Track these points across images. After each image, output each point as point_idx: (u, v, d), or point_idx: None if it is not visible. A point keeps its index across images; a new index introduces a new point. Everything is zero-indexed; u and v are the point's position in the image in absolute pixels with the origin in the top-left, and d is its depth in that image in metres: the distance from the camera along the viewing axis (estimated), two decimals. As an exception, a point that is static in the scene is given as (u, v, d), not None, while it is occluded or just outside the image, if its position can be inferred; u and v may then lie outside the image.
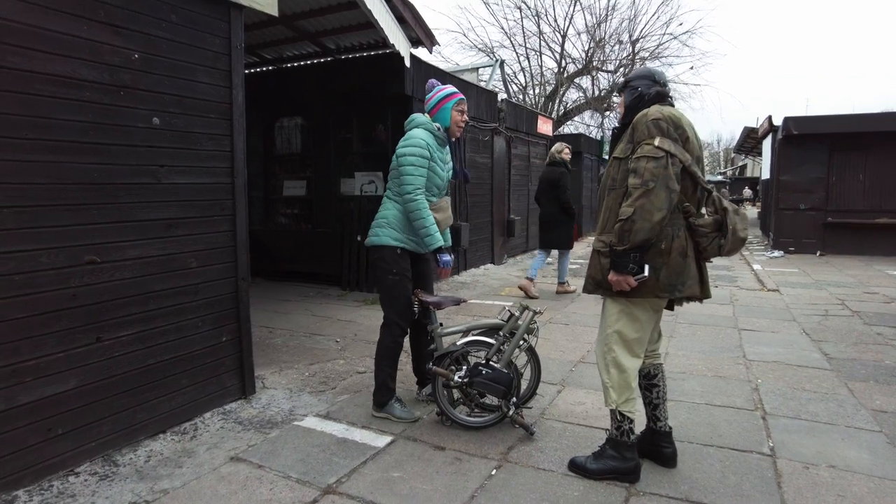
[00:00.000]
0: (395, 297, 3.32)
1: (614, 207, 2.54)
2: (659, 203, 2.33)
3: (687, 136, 2.46)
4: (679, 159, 2.40)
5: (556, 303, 6.84)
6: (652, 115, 2.47)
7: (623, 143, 2.58)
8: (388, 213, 3.33)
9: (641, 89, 2.63)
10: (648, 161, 2.36)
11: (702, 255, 2.54)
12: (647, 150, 2.39)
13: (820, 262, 10.65)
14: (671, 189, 2.35)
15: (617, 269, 2.44)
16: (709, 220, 2.51)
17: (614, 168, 2.60)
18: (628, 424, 2.64)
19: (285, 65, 8.36)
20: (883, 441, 3.05)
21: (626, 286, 2.45)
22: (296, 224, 8.49)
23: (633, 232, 2.35)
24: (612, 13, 20.78)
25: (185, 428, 3.19)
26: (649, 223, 2.33)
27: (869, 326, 5.61)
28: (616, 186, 2.56)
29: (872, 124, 11.28)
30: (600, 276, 2.57)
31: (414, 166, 3.20)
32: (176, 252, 3.16)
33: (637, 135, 2.48)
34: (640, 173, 2.37)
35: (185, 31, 3.12)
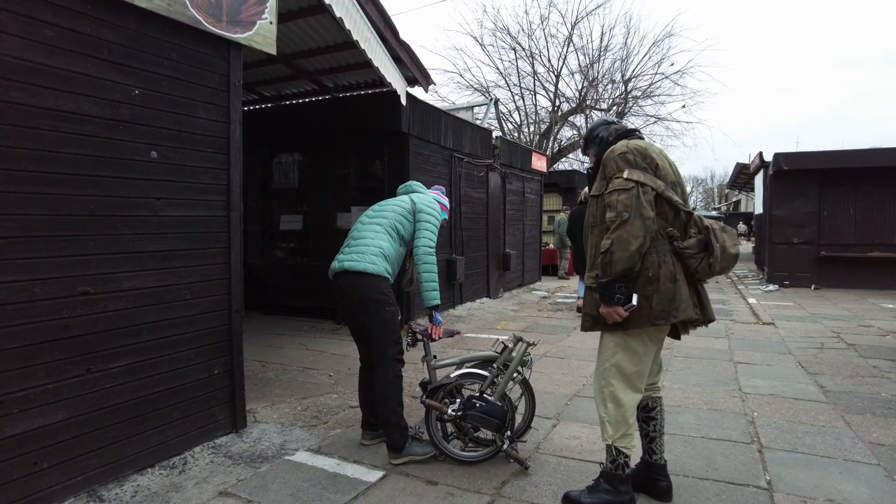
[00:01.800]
0: (393, 330, 3.23)
1: (597, 243, 2.59)
2: (635, 232, 2.39)
3: (656, 163, 2.53)
4: (651, 187, 2.46)
5: (552, 336, 6.83)
6: (618, 149, 2.58)
7: (598, 181, 2.67)
8: (383, 245, 3.26)
9: (602, 135, 2.79)
10: (620, 193, 2.45)
11: (693, 277, 2.54)
12: (617, 184, 2.48)
13: (815, 295, 10.68)
14: (645, 217, 2.41)
15: (605, 300, 2.48)
16: (693, 241, 2.52)
17: (594, 206, 2.68)
18: (623, 459, 2.61)
19: (284, 102, 8.53)
20: (881, 474, 3.02)
21: (617, 317, 2.47)
22: (292, 258, 8.52)
23: (613, 263, 2.41)
24: (605, 54, 21.28)
25: (173, 462, 3.14)
26: (627, 252, 2.39)
27: (864, 359, 5.60)
28: (597, 223, 2.64)
29: (860, 160, 11.48)
30: (595, 312, 2.59)
31: (435, 226, 3.37)
32: (171, 284, 3.17)
33: (607, 171, 2.57)
34: (614, 206, 2.45)
35: (185, 69, 3.21)
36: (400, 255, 3.38)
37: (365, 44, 4.99)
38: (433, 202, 3.48)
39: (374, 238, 3.28)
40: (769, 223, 12.28)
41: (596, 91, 21.60)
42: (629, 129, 2.77)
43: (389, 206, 3.43)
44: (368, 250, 3.22)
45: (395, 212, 3.39)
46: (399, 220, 3.36)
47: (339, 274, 3.26)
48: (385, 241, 3.29)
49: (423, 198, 3.47)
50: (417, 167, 7.43)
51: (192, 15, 3.15)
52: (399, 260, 3.39)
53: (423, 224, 3.34)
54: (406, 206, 3.40)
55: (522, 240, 12.11)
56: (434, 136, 7.86)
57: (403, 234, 3.36)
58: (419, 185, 3.65)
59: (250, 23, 3.55)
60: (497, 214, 10.57)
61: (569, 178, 16.59)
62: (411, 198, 3.46)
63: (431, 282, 3.27)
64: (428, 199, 3.49)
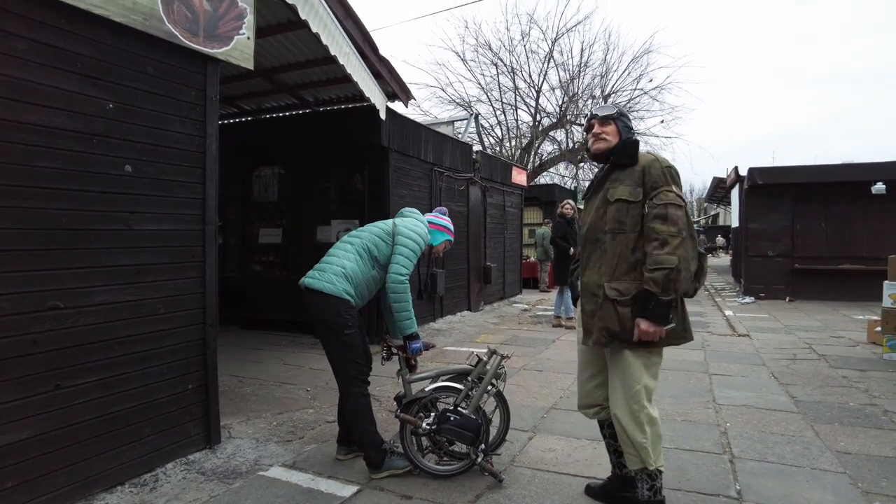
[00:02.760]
0: (353, 353, 3.15)
1: (624, 253, 2.45)
2: (693, 252, 2.35)
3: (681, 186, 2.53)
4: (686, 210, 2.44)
5: (531, 349, 6.86)
6: (663, 162, 2.46)
7: (629, 186, 2.46)
8: (348, 265, 3.18)
9: (632, 130, 2.64)
10: (677, 209, 2.33)
11: None
12: (672, 198, 2.35)
13: (789, 307, 10.88)
14: (695, 238, 2.39)
15: (656, 319, 2.32)
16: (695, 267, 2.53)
17: (620, 211, 2.46)
18: (660, 482, 2.54)
19: (264, 115, 8.53)
20: (846, 482, 3.09)
21: (657, 337, 2.35)
22: (271, 271, 8.46)
23: (679, 281, 2.29)
24: (585, 70, 21.63)
25: (144, 479, 3.09)
26: (689, 272, 2.34)
27: (834, 369, 5.72)
28: (625, 230, 2.45)
29: (831, 175, 11.79)
30: (618, 328, 2.41)
31: (413, 252, 3.22)
32: (144, 298, 3.14)
33: (651, 180, 2.42)
34: (674, 220, 2.32)
35: (161, 83, 3.22)
36: (372, 278, 3.26)
37: (343, 59, 5.03)
38: (417, 227, 3.33)
39: (340, 258, 3.22)
40: (745, 236, 12.52)
41: (576, 106, 21.91)
42: None
43: (368, 227, 3.38)
44: (330, 269, 3.18)
45: (372, 233, 3.32)
46: (374, 242, 3.27)
47: (303, 290, 3.24)
48: (351, 261, 3.20)
49: (406, 221, 3.36)
50: (398, 181, 7.46)
51: (169, 30, 3.17)
52: (371, 283, 3.27)
53: (398, 248, 3.21)
54: (386, 229, 3.32)
55: (503, 253, 12.18)
56: (414, 150, 7.91)
57: (378, 256, 3.24)
58: (413, 211, 3.56)
59: (228, 38, 3.57)
60: (478, 228, 10.63)
61: (549, 192, 16.78)
62: (395, 221, 3.38)
63: (403, 311, 3.16)
64: (412, 223, 3.35)
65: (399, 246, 3.21)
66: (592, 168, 23.89)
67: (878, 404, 4.52)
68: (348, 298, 3.14)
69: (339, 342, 3.14)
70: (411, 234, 3.27)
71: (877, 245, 11.24)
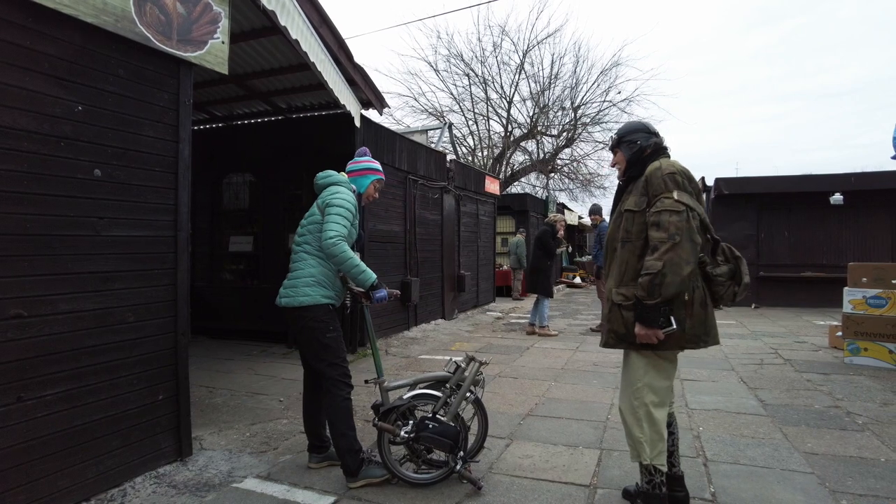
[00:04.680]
0: (336, 353, 3.17)
1: (631, 260, 2.56)
2: (686, 256, 2.37)
3: (698, 189, 2.56)
4: (697, 213, 2.47)
5: (506, 356, 6.88)
6: (666, 168, 2.50)
7: (635, 196, 2.58)
8: (314, 271, 3.18)
9: (641, 142, 2.69)
10: (671, 215, 2.39)
11: (715, 303, 2.62)
12: (668, 204, 2.42)
13: (755, 313, 11.16)
14: (695, 242, 2.40)
15: (646, 322, 2.43)
16: (724, 270, 2.60)
17: (627, 221, 2.59)
18: (660, 477, 2.58)
19: (236, 122, 8.41)
20: (815, 482, 3.17)
21: (654, 339, 2.45)
22: (241, 280, 8.31)
23: (664, 286, 2.36)
24: (555, 81, 21.96)
25: (112, 495, 2.98)
26: (679, 276, 2.36)
27: (800, 373, 5.88)
28: (632, 239, 2.57)
29: (792, 185, 12.19)
30: (623, 330, 2.55)
31: (343, 217, 3.13)
32: (112, 306, 3.05)
33: (653, 188, 2.50)
34: (665, 227, 2.39)
35: (133, 86, 3.15)
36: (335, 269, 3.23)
37: (320, 66, 5.01)
38: (341, 192, 3.24)
39: (305, 268, 3.21)
40: (711, 245, 12.81)
41: (546, 117, 22.23)
42: (665, 147, 2.72)
43: (307, 224, 3.30)
44: (300, 282, 3.18)
45: (310, 231, 3.26)
46: (311, 234, 3.25)
47: (282, 310, 3.24)
48: (314, 265, 3.20)
49: (332, 189, 3.28)
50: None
51: (142, 32, 3.10)
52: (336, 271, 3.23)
53: (328, 217, 3.13)
54: (317, 216, 3.26)
55: (477, 261, 12.23)
56: (388, 158, 7.89)
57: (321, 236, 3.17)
58: (326, 175, 3.42)
59: (202, 42, 3.51)
60: (451, 236, 10.65)
61: (521, 202, 16.92)
62: (322, 198, 3.29)
63: (351, 269, 3.08)
64: (338, 192, 3.25)
65: (329, 215, 3.15)
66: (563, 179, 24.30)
67: (841, 406, 4.65)
68: (327, 302, 3.17)
69: (322, 346, 3.15)
70: (337, 199, 3.18)
71: (836, 253, 11.66)
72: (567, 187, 24.45)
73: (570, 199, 24.70)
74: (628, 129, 2.80)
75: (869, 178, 11.47)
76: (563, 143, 22.81)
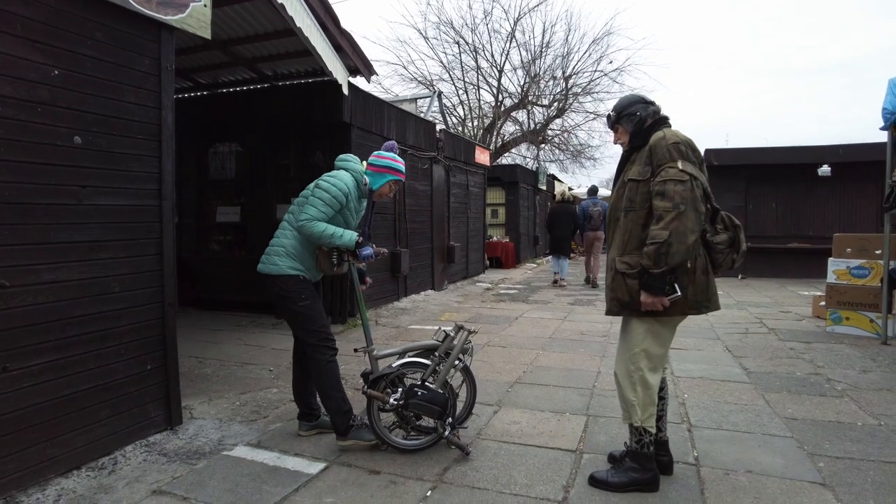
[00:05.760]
0: (313, 319, 3.20)
1: (634, 229, 2.59)
2: (691, 225, 2.40)
3: (701, 158, 2.56)
4: (701, 182, 2.49)
5: (495, 326, 6.94)
6: (670, 138, 2.52)
7: (639, 166, 2.59)
8: (286, 242, 3.21)
9: (640, 113, 2.70)
10: (676, 184, 2.41)
11: (715, 269, 2.66)
12: (672, 174, 2.43)
13: (741, 284, 11.31)
14: (699, 211, 2.43)
15: (652, 290, 2.47)
16: (724, 238, 2.64)
17: (631, 190, 2.61)
18: (649, 437, 2.68)
19: (221, 90, 8.23)
20: (794, 446, 3.25)
21: (659, 307, 2.50)
22: (229, 252, 8.25)
23: (669, 255, 2.39)
24: (547, 50, 21.66)
25: (102, 463, 3.00)
26: (685, 245, 2.39)
27: (783, 342, 5.99)
28: (635, 208, 2.59)
29: (780, 157, 12.21)
30: (627, 298, 2.60)
31: (324, 202, 3.10)
32: (98, 276, 3.02)
33: (657, 158, 2.51)
34: (670, 196, 2.41)
35: (112, 50, 3.05)
36: (312, 244, 3.20)
37: (306, 31, 4.89)
38: (337, 176, 3.19)
39: (280, 238, 3.26)
40: (699, 216, 12.86)
41: (538, 87, 21.98)
42: (665, 116, 2.72)
43: (299, 198, 3.28)
44: (273, 251, 3.24)
45: (299, 205, 3.24)
46: (298, 206, 3.23)
47: None
48: (289, 238, 3.22)
49: (331, 173, 3.25)
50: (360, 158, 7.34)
51: (118, -7, 3.00)
52: (312, 247, 3.21)
53: (309, 199, 3.13)
54: (309, 192, 3.22)
55: (466, 232, 12.22)
56: (377, 126, 7.80)
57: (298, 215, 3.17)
58: (348, 158, 3.36)
59: (183, 4, 3.41)
60: (441, 207, 10.61)
61: (512, 173, 16.84)
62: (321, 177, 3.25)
63: (330, 236, 3.05)
64: (334, 173, 3.22)
65: (310, 197, 3.14)
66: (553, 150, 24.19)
67: (821, 373, 4.76)
68: (295, 273, 3.19)
69: (296, 314, 3.20)
70: (327, 183, 3.15)
71: (822, 224, 11.76)
72: (558, 158, 24.38)
73: (560, 170, 24.66)
74: (625, 102, 2.80)
75: (856, 150, 11.49)
76: (554, 113, 22.64)
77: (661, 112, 2.73)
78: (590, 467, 2.95)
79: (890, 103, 5.49)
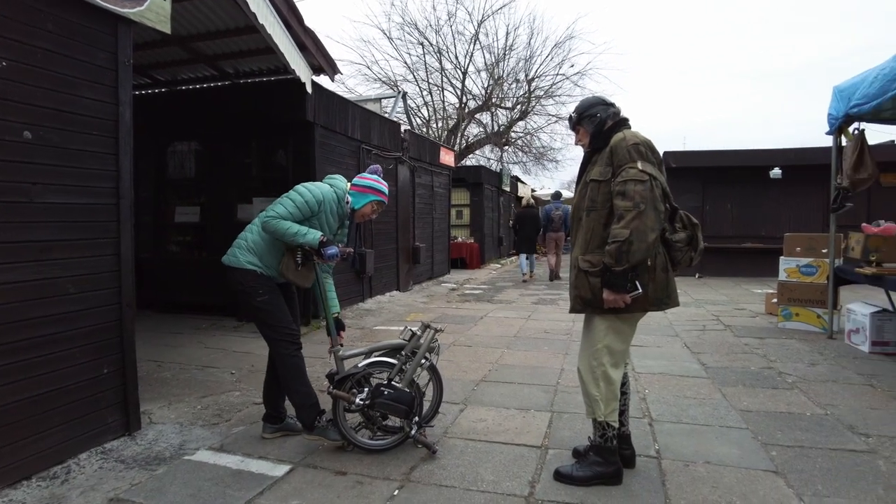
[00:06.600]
0: (272, 314, 3.17)
1: (596, 228, 2.65)
2: (651, 224, 2.46)
3: (660, 159, 2.64)
4: (660, 182, 2.56)
5: (461, 326, 6.97)
6: (630, 139, 2.58)
7: (600, 167, 2.65)
8: (249, 237, 3.21)
9: (601, 115, 2.75)
10: (636, 184, 2.47)
11: (674, 267, 2.73)
12: (632, 174, 2.49)
13: (699, 283, 11.65)
14: (659, 210, 2.50)
15: (614, 288, 2.53)
16: (682, 236, 2.71)
17: (593, 190, 2.67)
18: (612, 431, 2.73)
19: (181, 87, 8.03)
20: (749, 437, 3.38)
21: (621, 304, 2.56)
22: (188, 252, 8.05)
23: (630, 253, 2.45)
24: (510, 53, 21.88)
25: (55, 472, 2.88)
26: (645, 243, 2.46)
27: (738, 338, 6.21)
28: (597, 208, 2.65)
29: (735, 160, 12.65)
30: (590, 296, 2.65)
31: (295, 204, 3.08)
32: (51, 277, 2.90)
33: (618, 159, 2.58)
34: (630, 196, 2.46)
35: (65, 42, 2.95)
36: (276, 243, 3.16)
37: (269, 28, 4.82)
38: (316, 186, 3.20)
39: (245, 232, 3.26)
40: (659, 217, 13.21)
41: (501, 89, 22.18)
42: (625, 117, 2.78)
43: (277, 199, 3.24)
44: (236, 244, 3.24)
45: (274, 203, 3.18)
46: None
47: None
48: (254, 233, 3.21)
49: (312, 183, 3.25)
50: (324, 158, 7.27)
51: (72, -16, 2.90)
52: (277, 247, 3.16)
53: (278, 199, 3.12)
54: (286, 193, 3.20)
55: (432, 233, 12.23)
56: (341, 126, 7.73)
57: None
58: (335, 177, 3.39)
59: (140, -2, 3.31)
60: (406, 208, 10.59)
61: (476, 174, 16.93)
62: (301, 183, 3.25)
63: (294, 234, 3.02)
64: (314, 185, 3.22)
65: (283, 196, 3.14)
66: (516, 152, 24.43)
67: (774, 367, 4.95)
68: (253, 268, 3.16)
69: (255, 309, 3.19)
70: (304, 189, 3.16)
71: (775, 225, 12.22)
72: (521, 160, 24.63)
73: (523, 171, 24.92)
74: (586, 104, 2.86)
75: (805, 153, 11.98)
76: (517, 115, 22.88)
77: (621, 114, 2.80)
78: (555, 462, 2.99)
79: (834, 109, 5.76)
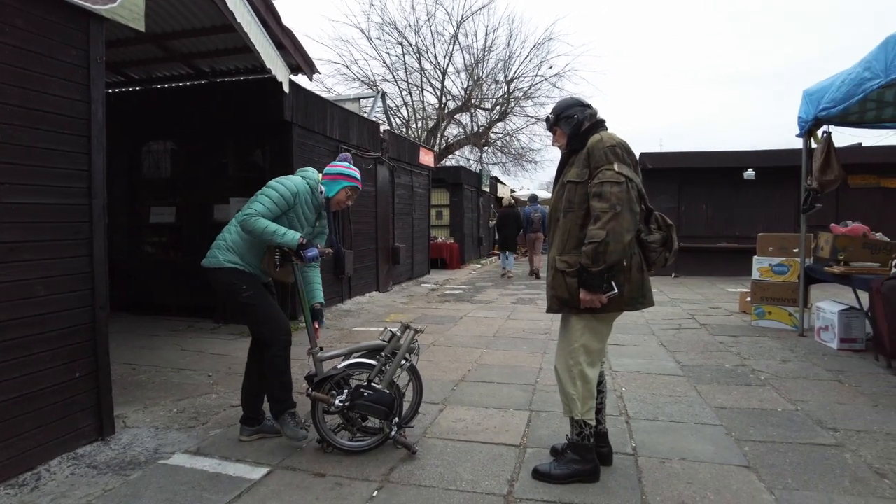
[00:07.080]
0: (259, 308, 3.17)
1: (573, 229, 2.68)
2: (627, 225, 2.49)
3: (636, 160, 2.67)
4: (636, 183, 2.58)
5: (440, 326, 6.97)
6: (607, 141, 2.61)
7: (577, 168, 2.68)
8: (228, 237, 3.21)
9: (577, 116, 2.78)
10: (612, 186, 2.50)
11: (649, 267, 2.77)
12: (609, 176, 2.52)
13: (675, 282, 11.83)
14: (634, 211, 2.53)
15: (590, 288, 2.56)
16: (657, 237, 2.75)
17: (570, 192, 2.70)
18: (589, 430, 2.76)
19: (156, 86, 7.90)
20: (723, 433, 3.44)
21: (597, 304, 2.58)
22: (164, 253, 7.92)
23: (607, 253, 2.48)
24: (489, 54, 21.96)
25: (24, 479, 2.81)
26: (622, 244, 2.49)
27: (713, 336, 6.32)
28: (574, 209, 2.68)
29: (710, 161, 12.88)
30: (567, 296, 2.68)
31: (271, 200, 3.07)
32: (19, 279, 2.83)
33: (594, 160, 2.60)
34: (607, 197, 2.49)
35: (34, 39, 2.88)
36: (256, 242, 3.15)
37: (246, 27, 4.77)
38: (288, 179, 3.21)
39: (224, 233, 3.26)
40: (636, 218, 13.39)
41: (480, 90, 22.24)
42: (602, 119, 2.80)
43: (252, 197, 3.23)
44: (215, 245, 3.23)
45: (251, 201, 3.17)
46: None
47: None
48: (232, 232, 3.22)
49: (283, 177, 3.26)
50: (302, 157, 7.21)
51: (42, -20, 2.84)
52: (257, 246, 3.16)
53: (254, 197, 3.12)
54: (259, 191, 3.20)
55: (411, 234, 12.22)
56: (319, 126, 7.69)
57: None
58: (309, 169, 3.41)
59: (113, -6, 3.25)
60: (386, 208, 10.57)
61: (456, 175, 16.96)
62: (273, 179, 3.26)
63: (272, 234, 3.00)
64: (286, 178, 3.24)
65: (258, 194, 3.14)
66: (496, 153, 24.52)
67: (747, 365, 5.06)
68: (233, 266, 3.16)
69: (241, 306, 3.19)
70: (277, 183, 3.17)
71: (749, 225, 12.46)
72: (500, 161, 24.74)
73: (503, 172, 25.04)
74: (563, 106, 2.88)
75: (778, 155, 12.24)
76: (496, 116, 22.97)
77: (597, 115, 2.83)
78: (533, 461, 3.02)
79: (804, 112, 5.91)
